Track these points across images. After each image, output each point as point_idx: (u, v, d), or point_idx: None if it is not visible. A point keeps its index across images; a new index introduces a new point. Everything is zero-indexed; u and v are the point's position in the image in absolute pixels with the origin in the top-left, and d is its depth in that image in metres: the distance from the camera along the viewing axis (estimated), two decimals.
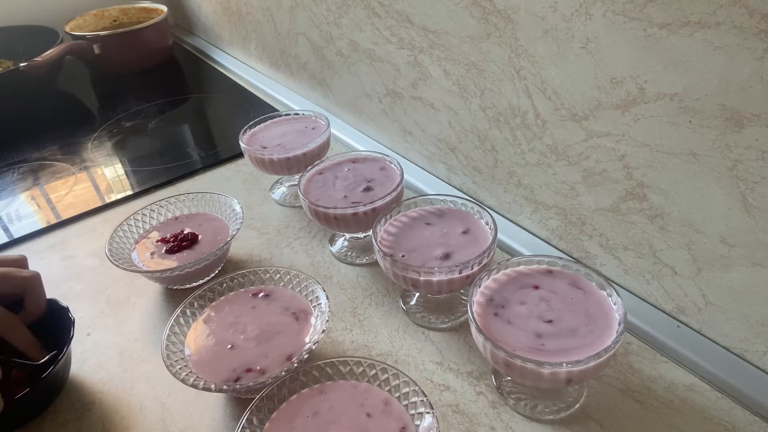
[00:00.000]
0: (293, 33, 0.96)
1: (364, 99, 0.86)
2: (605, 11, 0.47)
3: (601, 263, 0.60)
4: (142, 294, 0.66)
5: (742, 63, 0.40)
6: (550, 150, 0.58)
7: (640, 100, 0.48)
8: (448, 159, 0.74)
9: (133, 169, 0.90)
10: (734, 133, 0.43)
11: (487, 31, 0.58)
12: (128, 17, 1.34)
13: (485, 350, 0.46)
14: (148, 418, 0.52)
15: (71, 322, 0.54)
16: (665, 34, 0.44)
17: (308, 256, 0.69)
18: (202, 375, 0.50)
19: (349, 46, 0.82)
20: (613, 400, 0.50)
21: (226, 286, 0.58)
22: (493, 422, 0.49)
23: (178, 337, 0.53)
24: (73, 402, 0.54)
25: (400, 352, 0.56)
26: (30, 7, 1.29)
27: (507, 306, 0.49)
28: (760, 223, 0.44)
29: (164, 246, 0.66)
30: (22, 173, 0.91)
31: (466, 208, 0.60)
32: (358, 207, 0.61)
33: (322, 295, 0.55)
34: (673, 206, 0.50)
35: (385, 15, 0.72)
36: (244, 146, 0.74)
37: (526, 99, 0.58)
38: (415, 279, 0.53)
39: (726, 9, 0.39)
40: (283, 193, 0.81)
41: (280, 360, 0.50)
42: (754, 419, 0.48)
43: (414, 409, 0.45)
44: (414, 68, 0.72)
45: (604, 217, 0.57)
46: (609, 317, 0.47)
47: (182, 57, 1.35)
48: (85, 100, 1.21)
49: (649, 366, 0.53)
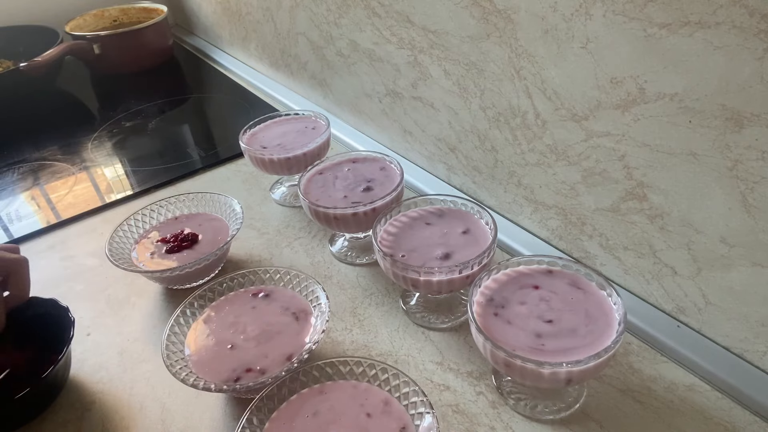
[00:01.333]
0: (293, 33, 0.96)
1: (364, 99, 0.86)
2: (605, 11, 0.47)
3: (601, 263, 0.60)
4: (142, 294, 0.66)
5: (742, 63, 0.40)
6: (550, 150, 0.58)
7: (640, 100, 0.48)
8: (448, 159, 0.74)
9: (133, 169, 0.90)
10: (734, 133, 0.43)
11: (487, 31, 0.58)
12: (128, 17, 1.34)
13: (485, 350, 0.46)
14: (148, 418, 0.52)
15: (71, 322, 0.54)
16: (665, 34, 0.44)
17: (308, 256, 0.69)
18: (202, 375, 0.50)
19: (349, 46, 0.82)
20: (613, 400, 0.50)
21: (226, 286, 0.58)
22: (493, 422, 0.49)
23: (178, 337, 0.53)
24: (73, 402, 0.54)
25: (400, 352, 0.56)
26: (30, 7, 1.29)
27: (507, 306, 0.49)
28: (760, 223, 0.44)
29: (164, 246, 0.66)
30: (22, 173, 0.91)
31: (466, 208, 0.60)
32: (358, 207, 0.61)
33: (322, 295, 0.55)
34: (673, 206, 0.50)
35: (385, 15, 0.72)
36: (244, 146, 0.74)
37: (526, 99, 0.58)
38: (415, 279, 0.53)
39: (726, 9, 0.39)
40: (283, 193, 0.81)
41: (280, 360, 0.50)
42: (754, 419, 0.48)
43: (414, 409, 0.45)
44: (414, 68, 0.72)
45: (604, 217, 0.57)
46: (609, 317, 0.47)
47: (182, 57, 1.35)
48: (85, 100, 1.21)
49: (649, 366, 0.53)
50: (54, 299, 0.56)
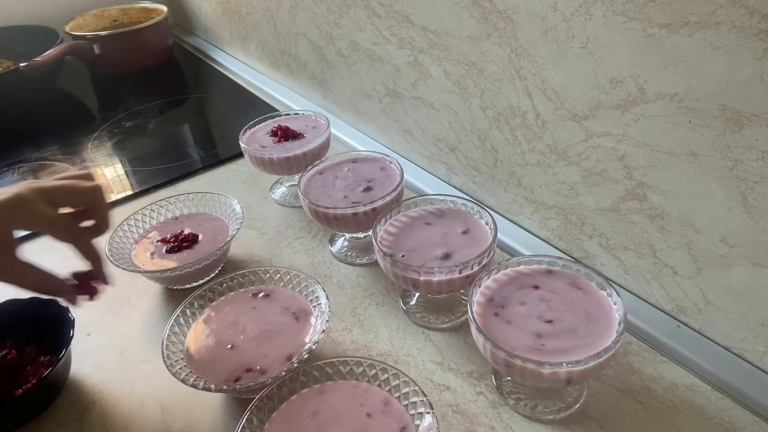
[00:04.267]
0: (293, 33, 0.96)
1: (364, 99, 0.86)
2: (605, 11, 0.47)
3: (601, 263, 0.60)
4: (142, 294, 0.66)
5: (742, 63, 0.40)
6: (550, 150, 0.58)
7: (640, 100, 0.48)
8: (448, 159, 0.74)
9: (133, 169, 0.90)
10: (734, 133, 0.43)
11: (487, 31, 0.58)
12: (128, 17, 1.34)
13: (485, 350, 0.46)
14: (148, 418, 0.52)
15: (71, 322, 0.54)
16: (665, 34, 0.44)
17: (308, 256, 0.69)
18: (202, 375, 0.50)
19: (349, 46, 0.82)
20: (613, 400, 0.50)
21: (226, 286, 0.58)
22: (493, 422, 0.49)
23: (178, 337, 0.53)
24: (73, 402, 0.54)
25: (400, 352, 0.56)
26: (30, 7, 1.29)
27: (507, 306, 0.49)
28: (760, 223, 0.44)
29: (164, 246, 0.66)
30: (22, 173, 0.91)
31: (466, 208, 0.60)
32: (358, 207, 0.61)
33: (322, 295, 0.55)
34: (673, 206, 0.50)
35: (385, 15, 0.72)
36: (244, 146, 0.74)
37: (526, 99, 0.58)
38: (415, 279, 0.53)
39: (726, 9, 0.39)
40: (283, 193, 0.81)
41: (280, 360, 0.50)
42: (754, 419, 0.48)
43: (414, 409, 0.45)
44: (414, 68, 0.72)
45: (604, 217, 0.57)
46: (609, 317, 0.47)
47: (182, 57, 1.35)
48: (85, 100, 1.21)
49: (649, 366, 0.53)
50: (54, 299, 0.56)
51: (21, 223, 0.45)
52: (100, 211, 0.50)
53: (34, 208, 0.45)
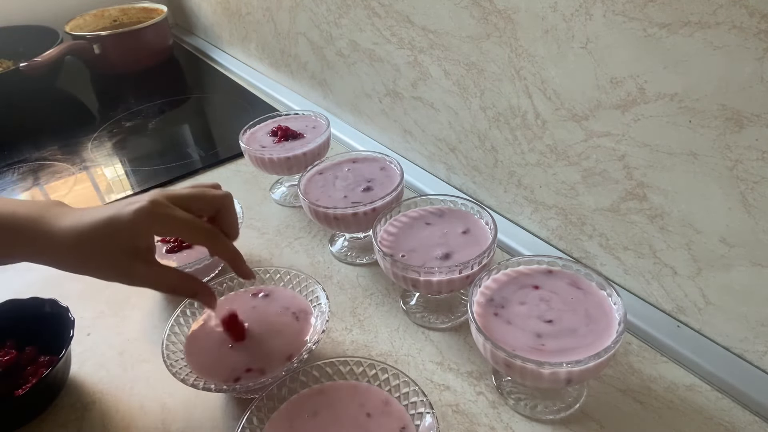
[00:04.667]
0: (293, 33, 0.96)
1: (364, 99, 0.86)
2: (605, 11, 0.47)
3: (601, 263, 0.60)
4: (142, 294, 0.66)
5: (742, 63, 0.40)
6: (550, 150, 0.58)
7: (640, 100, 0.48)
8: (448, 159, 0.74)
9: (133, 169, 0.90)
10: (734, 133, 0.43)
11: (487, 31, 0.58)
12: (128, 17, 1.34)
13: (485, 350, 0.46)
14: (148, 418, 0.52)
15: (71, 322, 0.54)
16: (665, 34, 0.44)
17: (308, 256, 0.69)
18: (202, 375, 0.50)
19: (349, 46, 0.82)
20: (613, 400, 0.50)
21: (226, 286, 0.58)
22: (493, 422, 0.49)
23: (178, 337, 0.53)
24: (73, 402, 0.54)
25: (400, 352, 0.56)
26: (30, 7, 1.29)
27: (507, 306, 0.49)
28: (760, 223, 0.44)
29: (164, 246, 0.66)
30: (22, 173, 0.91)
31: (466, 208, 0.60)
32: (358, 207, 0.61)
33: (322, 295, 0.55)
34: (673, 206, 0.50)
35: (385, 15, 0.72)
36: (244, 146, 0.74)
37: (526, 99, 0.58)
38: (415, 279, 0.53)
39: (726, 9, 0.39)
40: (283, 193, 0.81)
41: (280, 360, 0.50)
42: (754, 419, 0.48)
43: (414, 409, 0.45)
44: (414, 68, 0.72)
45: (604, 217, 0.57)
46: (609, 317, 0.47)
47: (182, 57, 1.35)
48: (85, 100, 1.21)
49: (649, 366, 0.53)
50: (54, 299, 0.56)
51: (159, 228, 0.46)
52: (229, 217, 0.51)
53: (171, 213, 0.45)
